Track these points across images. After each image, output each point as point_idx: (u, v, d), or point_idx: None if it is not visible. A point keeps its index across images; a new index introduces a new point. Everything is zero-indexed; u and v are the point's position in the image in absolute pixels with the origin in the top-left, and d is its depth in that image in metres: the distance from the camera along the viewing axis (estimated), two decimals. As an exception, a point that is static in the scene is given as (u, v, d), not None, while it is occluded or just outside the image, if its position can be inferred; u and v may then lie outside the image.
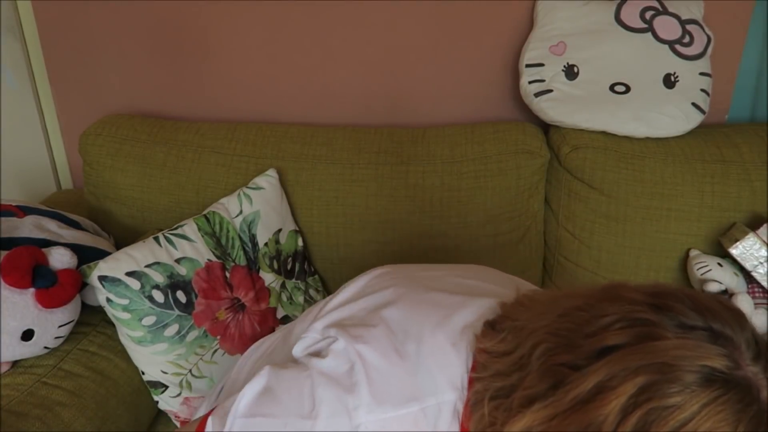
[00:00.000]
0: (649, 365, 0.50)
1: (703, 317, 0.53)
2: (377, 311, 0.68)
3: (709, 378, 0.49)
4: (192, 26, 1.54)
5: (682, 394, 0.49)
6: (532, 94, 1.44)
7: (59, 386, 1.11)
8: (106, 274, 1.15)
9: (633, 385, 0.49)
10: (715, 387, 0.49)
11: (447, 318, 0.64)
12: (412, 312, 0.67)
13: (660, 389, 0.49)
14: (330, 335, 0.68)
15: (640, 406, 0.49)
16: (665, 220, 1.36)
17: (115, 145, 1.44)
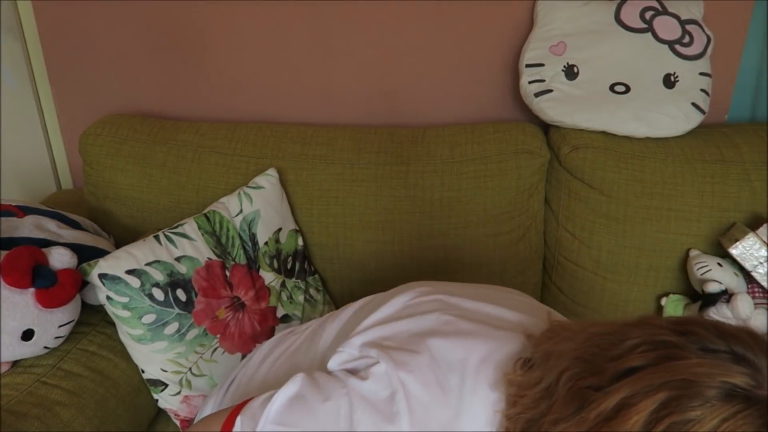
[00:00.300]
0: (670, 382, 0.50)
1: (726, 341, 0.53)
2: (422, 338, 0.66)
3: (730, 393, 0.49)
4: (192, 26, 1.54)
5: (703, 408, 0.48)
6: (532, 94, 1.44)
7: (59, 386, 1.11)
8: (107, 272, 1.15)
9: (654, 401, 0.50)
10: (735, 402, 0.49)
11: (491, 354, 0.63)
12: (457, 344, 0.65)
13: (681, 404, 0.49)
14: (370, 355, 0.66)
15: (661, 421, 0.49)
16: (665, 220, 1.36)
17: (115, 145, 1.44)
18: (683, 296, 1.38)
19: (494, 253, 1.40)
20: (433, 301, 0.73)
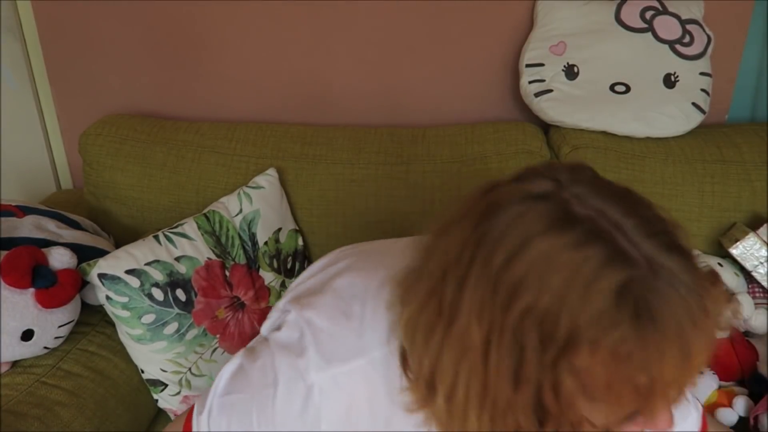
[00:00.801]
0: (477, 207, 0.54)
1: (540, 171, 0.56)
2: (329, 282, 0.72)
3: (528, 197, 0.52)
4: (192, 26, 1.54)
5: (505, 212, 0.52)
6: (532, 94, 1.44)
7: (58, 386, 1.11)
8: (106, 272, 1.15)
9: (471, 227, 0.53)
10: (530, 202, 0.52)
11: (390, 276, 0.65)
12: (359, 277, 0.70)
13: (488, 217, 0.52)
14: (287, 309, 0.72)
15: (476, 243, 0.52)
16: (665, 220, 1.36)
17: (115, 145, 1.44)
18: (683, 296, 1.38)
19: (494, 253, 1.40)
20: (347, 253, 0.78)
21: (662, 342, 0.47)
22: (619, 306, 0.47)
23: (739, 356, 1.21)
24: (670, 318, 0.47)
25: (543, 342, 0.48)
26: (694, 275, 0.50)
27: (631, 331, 0.47)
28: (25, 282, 1.10)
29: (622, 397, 0.49)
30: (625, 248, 0.48)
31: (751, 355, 1.22)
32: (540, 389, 0.50)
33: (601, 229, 0.49)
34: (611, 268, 0.48)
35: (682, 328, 0.47)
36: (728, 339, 1.22)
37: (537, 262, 0.49)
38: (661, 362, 0.47)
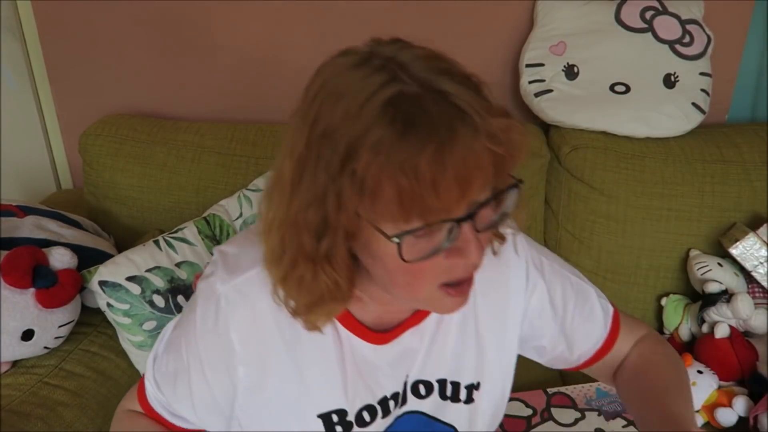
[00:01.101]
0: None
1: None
2: (247, 231, 0.79)
3: (346, 52, 0.60)
4: (192, 26, 1.54)
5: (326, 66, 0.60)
6: (532, 94, 1.44)
7: (61, 386, 1.11)
8: (107, 279, 1.15)
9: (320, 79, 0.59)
10: (348, 54, 0.59)
11: None
12: None
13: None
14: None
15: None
16: (665, 220, 1.36)
17: (115, 145, 1.44)
18: (683, 296, 1.38)
19: (494, 253, 1.40)
20: None
21: (418, 143, 0.52)
22: (386, 113, 0.53)
23: (738, 356, 1.21)
24: (430, 124, 0.53)
25: (332, 157, 0.55)
26: (474, 98, 0.56)
27: (392, 134, 0.53)
28: (26, 282, 1.10)
29: (391, 201, 0.54)
30: (403, 76, 0.55)
31: (750, 355, 1.22)
32: (325, 200, 0.56)
33: (389, 65, 0.56)
34: (386, 87, 0.54)
35: (438, 133, 0.52)
36: (728, 339, 1.22)
37: (328, 83, 0.58)
38: (417, 160, 0.52)
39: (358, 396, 0.73)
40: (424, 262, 0.57)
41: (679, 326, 1.35)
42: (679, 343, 1.35)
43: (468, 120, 0.54)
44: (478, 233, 0.58)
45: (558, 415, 1.18)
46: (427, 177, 0.52)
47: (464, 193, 0.54)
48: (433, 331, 0.74)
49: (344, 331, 0.72)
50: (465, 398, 0.77)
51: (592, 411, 1.18)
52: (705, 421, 1.18)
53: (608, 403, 1.20)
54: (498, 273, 0.76)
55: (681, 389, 0.78)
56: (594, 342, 0.83)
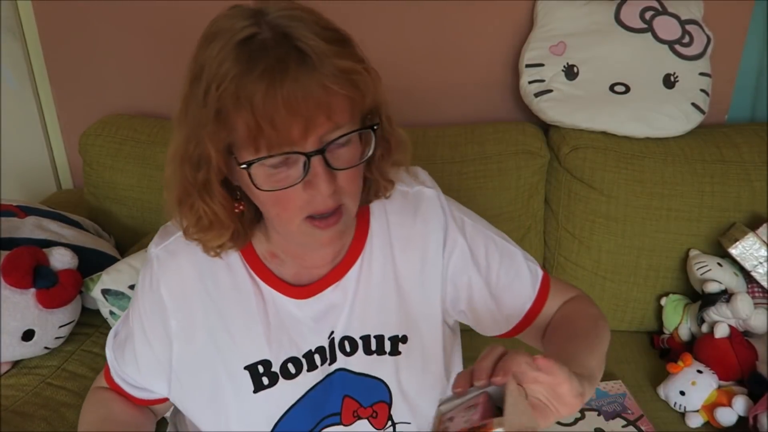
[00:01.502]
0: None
1: None
2: None
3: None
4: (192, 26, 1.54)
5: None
6: (532, 94, 1.44)
7: (64, 387, 1.12)
8: (109, 288, 1.15)
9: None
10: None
11: None
12: None
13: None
14: None
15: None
16: (665, 220, 1.36)
17: (115, 146, 1.44)
18: (683, 296, 1.39)
19: (494, 253, 1.40)
20: None
21: (256, 79, 0.59)
22: (237, 52, 0.61)
23: (738, 356, 1.21)
24: (268, 62, 0.60)
25: (199, 93, 0.63)
26: (321, 44, 0.61)
27: (237, 70, 0.60)
28: (26, 282, 1.10)
29: (242, 132, 0.62)
30: (262, 22, 0.62)
31: (750, 354, 1.23)
32: (198, 133, 0.64)
33: (256, 14, 0.64)
34: (244, 30, 0.62)
35: (273, 70, 0.59)
36: (728, 339, 1.22)
37: (208, 28, 0.68)
38: (254, 95, 0.59)
39: (282, 348, 0.78)
40: (284, 193, 0.65)
41: (679, 326, 1.36)
42: (679, 342, 1.35)
43: (307, 60, 0.61)
44: (333, 169, 0.65)
45: (558, 415, 1.18)
46: (262, 110, 0.60)
47: (304, 128, 0.61)
48: (354, 288, 0.79)
49: (265, 287, 0.78)
50: (390, 350, 0.81)
51: (591, 411, 1.19)
52: (705, 421, 1.18)
53: (608, 403, 1.20)
54: (416, 229, 0.81)
55: (589, 339, 0.78)
56: (522, 302, 0.85)
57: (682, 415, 1.20)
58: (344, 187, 0.68)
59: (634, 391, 1.24)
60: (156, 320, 0.79)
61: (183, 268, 0.78)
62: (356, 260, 0.79)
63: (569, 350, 0.74)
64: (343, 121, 0.64)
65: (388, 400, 0.82)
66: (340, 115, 0.63)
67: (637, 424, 1.15)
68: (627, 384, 1.26)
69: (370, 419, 0.82)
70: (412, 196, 0.83)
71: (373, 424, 0.82)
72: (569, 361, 0.66)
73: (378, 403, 0.81)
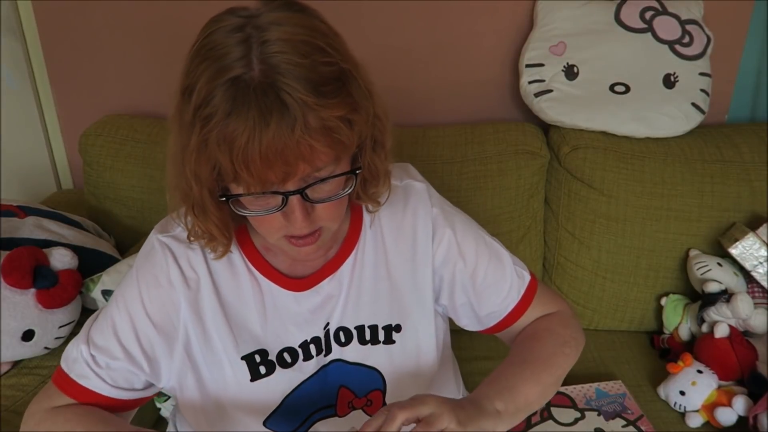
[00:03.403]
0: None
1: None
2: None
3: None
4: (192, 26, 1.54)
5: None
6: (532, 94, 1.44)
7: (63, 387, 1.11)
8: (110, 288, 1.15)
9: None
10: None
11: None
12: None
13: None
14: None
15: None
16: (665, 220, 1.36)
17: (115, 146, 1.44)
18: (683, 296, 1.39)
19: (494, 253, 1.40)
20: None
21: (238, 126, 0.60)
22: (225, 90, 0.61)
23: (738, 356, 1.21)
24: (251, 112, 0.60)
25: (187, 115, 0.64)
26: (307, 94, 0.60)
27: (223, 111, 0.61)
28: (26, 282, 1.10)
29: (222, 166, 0.63)
30: (253, 58, 0.61)
31: (750, 354, 1.23)
32: (185, 153, 0.66)
33: (250, 41, 0.62)
34: (236, 64, 0.61)
35: (255, 121, 0.60)
36: (728, 339, 1.22)
37: (203, 42, 0.67)
38: (233, 140, 0.60)
39: (278, 338, 0.80)
40: (263, 217, 0.67)
41: (679, 326, 1.36)
42: (679, 342, 1.35)
43: (288, 115, 0.60)
44: (312, 202, 0.67)
45: (558, 415, 1.18)
46: (241, 157, 0.61)
47: (283, 175, 0.62)
48: (349, 279, 0.81)
49: (262, 278, 0.79)
50: (384, 339, 0.83)
51: (591, 411, 1.19)
52: (705, 421, 1.18)
53: (608, 403, 1.21)
54: (406, 221, 0.83)
55: (543, 366, 0.82)
56: (505, 305, 0.87)
57: (682, 415, 1.20)
58: (323, 215, 0.69)
59: (634, 391, 1.24)
60: (165, 298, 0.78)
61: (191, 256, 0.79)
62: (351, 252, 0.81)
63: (512, 378, 0.78)
64: (325, 164, 0.65)
65: (383, 388, 0.83)
66: (320, 159, 0.64)
67: (637, 424, 1.16)
68: (627, 384, 1.26)
69: (364, 408, 0.84)
70: (401, 189, 0.85)
71: (368, 412, 0.84)
72: (504, 391, 0.74)
73: (373, 391, 0.83)
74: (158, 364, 0.79)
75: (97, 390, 0.78)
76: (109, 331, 0.79)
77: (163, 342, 0.78)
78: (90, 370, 0.78)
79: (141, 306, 0.78)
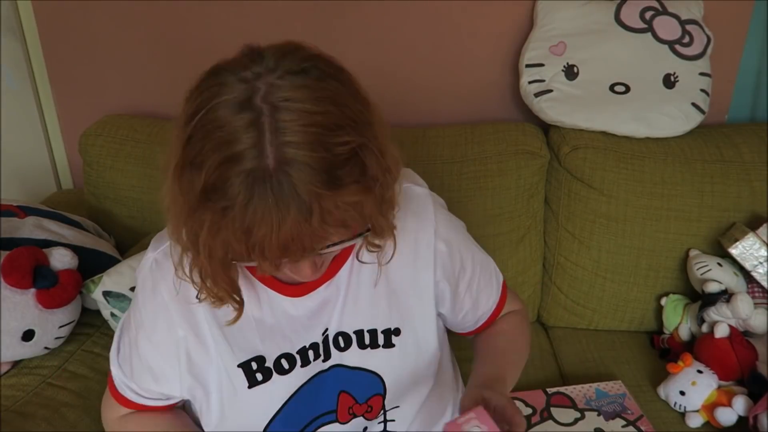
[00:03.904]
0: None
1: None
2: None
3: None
4: (192, 26, 1.54)
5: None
6: (532, 94, 1.44)
7: (65, 387, 1.12)
8: (111, 290, 1.15)
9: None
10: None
11: None
12: None
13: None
14: None
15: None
16: (665, 220, 1.36)
17: (115, 146, 1.44)
18: (683, 296, 1.39)
19: (494, 253, 1.38)
20: None
21: (256, 216, 0.59)
22: (240, 180, 0.58)
23: (738, 356, 1.21)
24: (268, 204, 0.59)
25: (194, 189, 0.61)
26: (318, 181, 0.59)
27: (240, 201, 0.59)
28: (26, 282, 1.10)
29: (233, 245, 0.62)
30: (266, 144, 0.58)
31: (750, 354, 1.23)
32: (190, 223, 0.64)
33: (261, 122, 0.59)
34: (250, 152, 0.58)
35: (271, 214, 0.59)
36: (728, 339, 1.22)
37: (208, 111, 0.60)
38: (251, 230, 0.59)
39: (276, 345, 0.79)
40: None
41: (679, 326, 1.36)
42: (679, 342, 1.35)
43: (303, 207, 0.59)
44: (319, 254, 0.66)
45: (557, 415, 1.18)
46: (257, 247, 0.61)
47: (296, 256, 0.62)
48: (346, 284, 0.80)
49: (259, 284, 0.79)
50: (383, 343, 0.83)
51: (591, 411, 1.19)
52: (705, 421, 1.18)
53: (608, 403, 1.20)
54: (406, 224, 0.82)
55: (519, 359, 0.94)
56: (491, 304, 0.94)
57: (682, 415, 1.20)
58: (327, 257, 0.71)
59: (634, 391, 1.24)
60: (161, 323, 0.80)
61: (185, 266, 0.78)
62: (348, 257, 0.80)
63: (504, 373, 0.87)
64: (339, 238, 0.65)
65: (383, 392, 0.83)
66: (336, 236, 0.64)
67: (637, 424, 1.16)
68: (627, 384, 1.26)
69: (365, 415, 0.83)
70: (401, 193, 0.83)
71: (368, 418, 0.84)
72: (500, 381, 0.83)
73: (373, 396, 0.83)
74: (169, 381, 0.83)
75: (143, 403, 0.86)
76: (128, 361, 0.84)
77: (169, 365, 0.81)
78: (129, 391, 0.85)
79: (147, 341, 0.81)
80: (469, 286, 0.89)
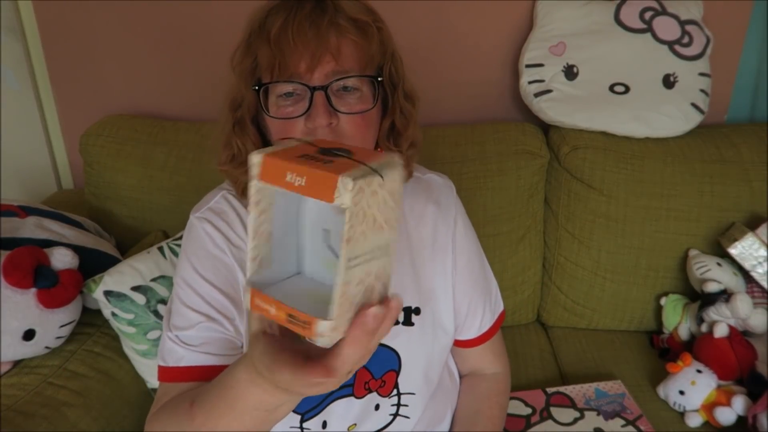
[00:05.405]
0: None
1: None
2: None
3: None
4: (193, 27, 1.54)
5: None
6: (531, 94, 1.44)
7: (65, 386, 1.12)
8: (112, 289, 1.15)
9: None
10: None
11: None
12: None
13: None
14: None
15: None
16: (665, 220, 1.37)
17: (116, 146, 1.44)
18: (682, 296, 1.39)
19: (494, 253, 1.40)
20: None
21: (277, 16, 0.72)
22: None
23: (737, 355, 1.21)
24: (290, 3, 0.73)
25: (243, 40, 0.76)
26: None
27: (265, 10, 0.76)
28: (27, 282, 1.10)
29: (261, 63, 0.74)
30: None
31: (749, 354, 1.23)
32: (239, 76, 0.77)
33: None
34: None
35: (291, 9, 0.72)
36: (727, 338, 1.22)
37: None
38: (272, 27, 0.72)
39: None
40: (289, 123, 0.73)
41: (679, 326, 1.36)
42: (678, 342, 1.35)
43: (323, 5, 0.71)
44: (335, 110, 0.73)
45: (557, 415, 1.18)
46: (275, 41, 0.70)
47: (310, 62, 0.70)
48: None
49: None
50: (403, 320, 0.85)
51: (591, 411, 1.19)
52: (704, 420, 1.19)
53: (607, 403, 1.21)
54: (428, 210, 0.89)
55: None
56: (480, 323, 0.95)
57: (681, 415, 1.20)
58: (346, 129, 0.74)
59: (634, 391, 1.25)
60: (217, 271, 0.81)
61: (230, 220, 0.83)
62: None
63: None
64: (350, 67, 0.72)
65: (397, 368, 0.85)
66: (346, 59, 0.71)
67: (637, 423, 1.16)
68: (626, 384, 1.26)
69: (378, 390, 0.85)
70: (424, 181, 0.93)
71: (381, 393, 0.85)
72: None
73: (388, 372, 0.85)
74: (236, 322, 0.82)
75: (196, 363, 0.80)
76: (181, 308, 0.83)
77: (231, 304, 0.81)
78: (182, 349, 0.81)
79: (198, 276, 0.82)
80: (474, 287, 0.93)
